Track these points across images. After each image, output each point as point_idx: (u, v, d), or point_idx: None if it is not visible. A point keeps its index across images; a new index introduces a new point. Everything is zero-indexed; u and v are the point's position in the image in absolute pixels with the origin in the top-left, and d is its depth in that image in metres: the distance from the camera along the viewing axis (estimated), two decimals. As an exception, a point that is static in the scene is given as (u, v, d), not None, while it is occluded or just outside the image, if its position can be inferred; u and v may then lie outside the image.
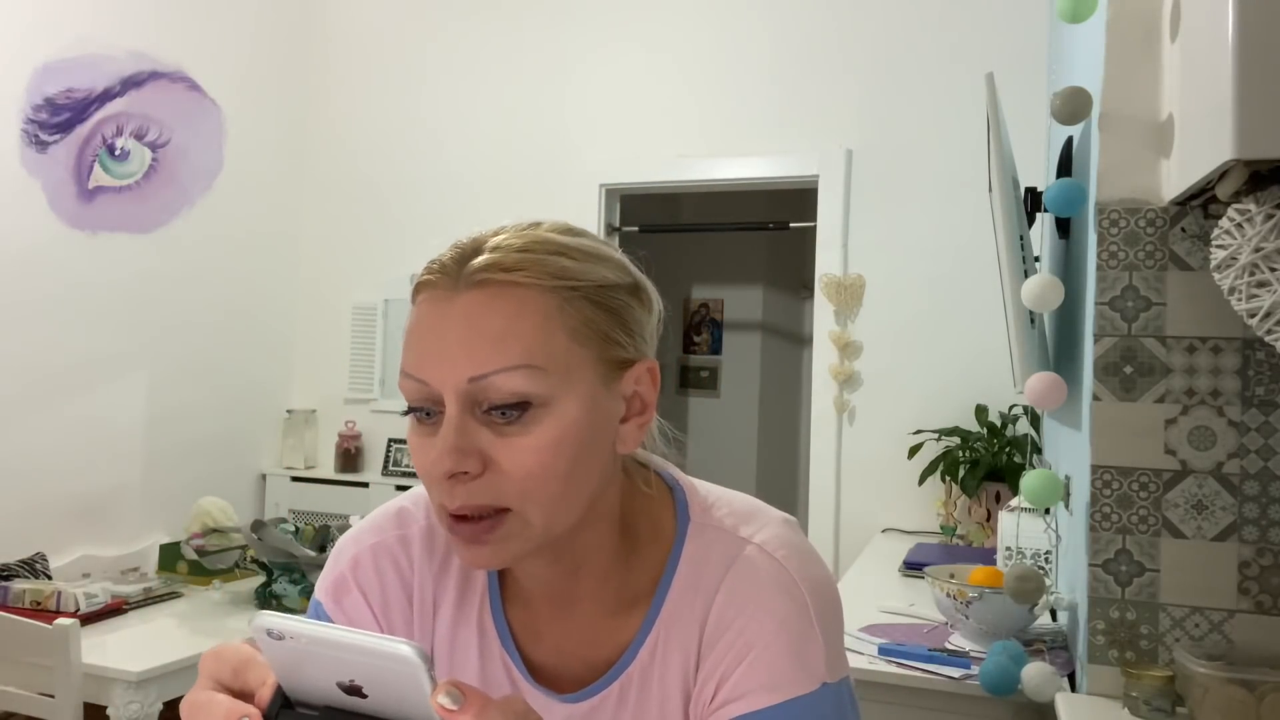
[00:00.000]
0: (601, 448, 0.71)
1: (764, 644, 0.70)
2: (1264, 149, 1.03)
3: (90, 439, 3.10)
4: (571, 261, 0.69)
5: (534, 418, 0.66)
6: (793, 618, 0.71)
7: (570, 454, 0.67)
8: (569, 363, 0.68)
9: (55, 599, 2.43)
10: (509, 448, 0.66)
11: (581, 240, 0.73)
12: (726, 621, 0.72)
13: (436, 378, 0.67)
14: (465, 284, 0.68)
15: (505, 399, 0.66)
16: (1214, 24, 1.09)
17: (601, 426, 0.70)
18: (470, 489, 0.66)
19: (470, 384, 0.66)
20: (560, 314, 0.68)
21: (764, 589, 0.72)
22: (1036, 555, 2.05)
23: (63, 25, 3.00)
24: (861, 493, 3.18)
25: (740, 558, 0.74)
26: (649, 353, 0.75)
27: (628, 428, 0.72)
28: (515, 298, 0.67)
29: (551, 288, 0.68)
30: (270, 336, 3.83)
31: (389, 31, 3.89)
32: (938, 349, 3.13)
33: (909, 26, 3.21)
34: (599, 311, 0.70)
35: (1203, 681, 1.28)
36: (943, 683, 1.66)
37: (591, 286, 0.70)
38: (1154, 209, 1.44)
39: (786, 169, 3.33)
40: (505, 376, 0.66)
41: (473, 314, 0.67)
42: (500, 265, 0.68)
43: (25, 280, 2.91)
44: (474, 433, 0.66)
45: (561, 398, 0.67)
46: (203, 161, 3.46)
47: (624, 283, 0.73)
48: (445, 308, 0.68)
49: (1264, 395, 1.39)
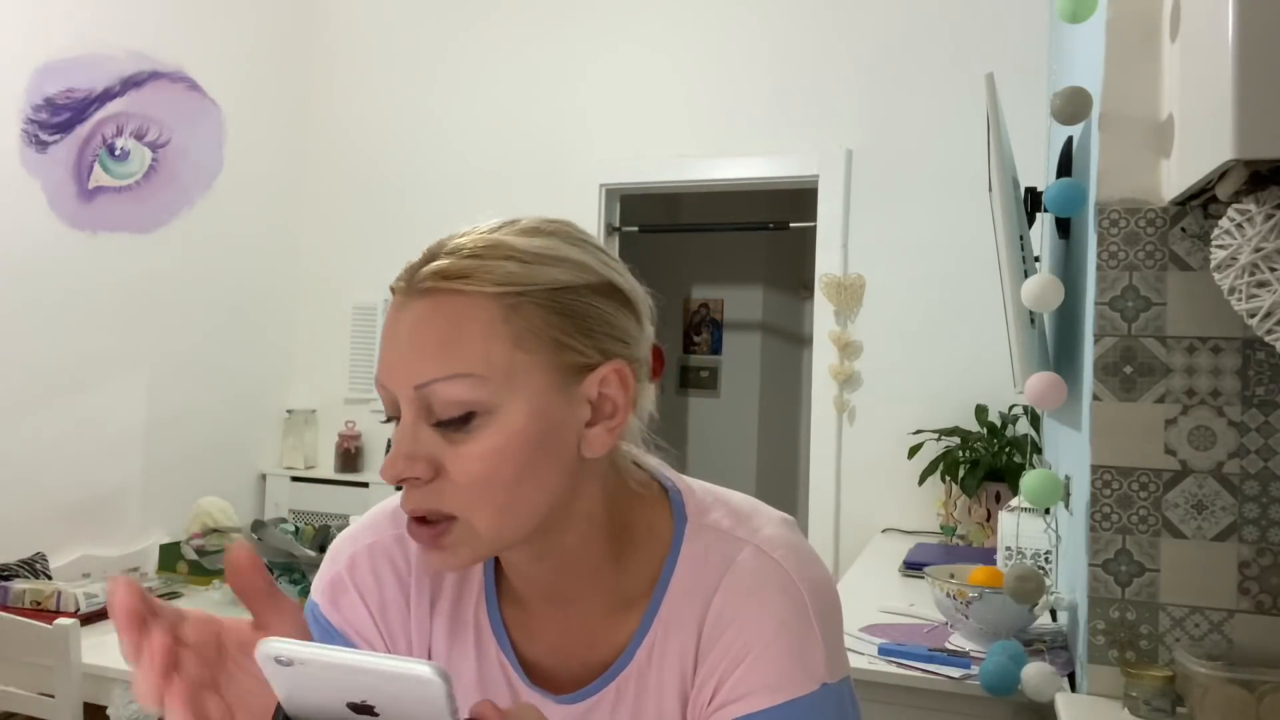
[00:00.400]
0: (558, 454, 0.69)
1: (764, 644, 0.70)
2: (1264, 149, 1.03)
3: (90, 439, 3.10)
4: (518, 266, 0.68)
5: (478, 425, 0.67)
6: (792, 618, 0.71)
7: (517, 462, 0.67)
8: (512, 370, 0.67)
9: (55, 599, 2.43)
10: (456, 455, 0.67)
11: (539, 241, 0.71)
12: (725, 622, 0.72)
13: (392, 384, 0.68)
14: (415, 291, 0.69)
15: (448, 409, 0.66)
16: (1214, 24, 1.09)
17: (555, 433, 0.69)
18: (421, 494, 0.67)
19: (416, 391, 0.67)
20: (504, 321, 0.67)
21: (763, 589, 0.72)
22: (1036, 555, 2.05)
23: (63, 25, 3.00)
24: (861, 493, 3.18)
25: (738, 558, 0.74)
26: (626, 353, 0.72)
27: (595, 432, 0.71)
28: (457, 306, 0.67)
29: (495, 294, 0.67)
30: (270, 336, 3.83)
31: (389, 32, 3.89)
32: (938, 349, 3.13)
33: (909, 26, 3.21)
34: (550, 315, 0.68)
35: (1203, 681, 1.28)
36: (943, 683, 1.66)
37: (540, 290, 0.68)
38: (1154, 209, 1.44)
39: (786, 169, 3.33)
40: (445, 385, 0.66)
41: (418, 323, 0.68)
42: (444, 273, 0.68)
43: (25, 280, 2.91)
44: (426, 439, 0.67)
45: (505, 406, 0.67)
46: (203, 161, 3.46)
47: (583, 283, 0.70)
48: (400, 314, 0.69)
49: (1264, 395, 1.39)
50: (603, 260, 0.74)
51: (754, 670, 0.70)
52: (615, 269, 0.74)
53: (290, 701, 0.50)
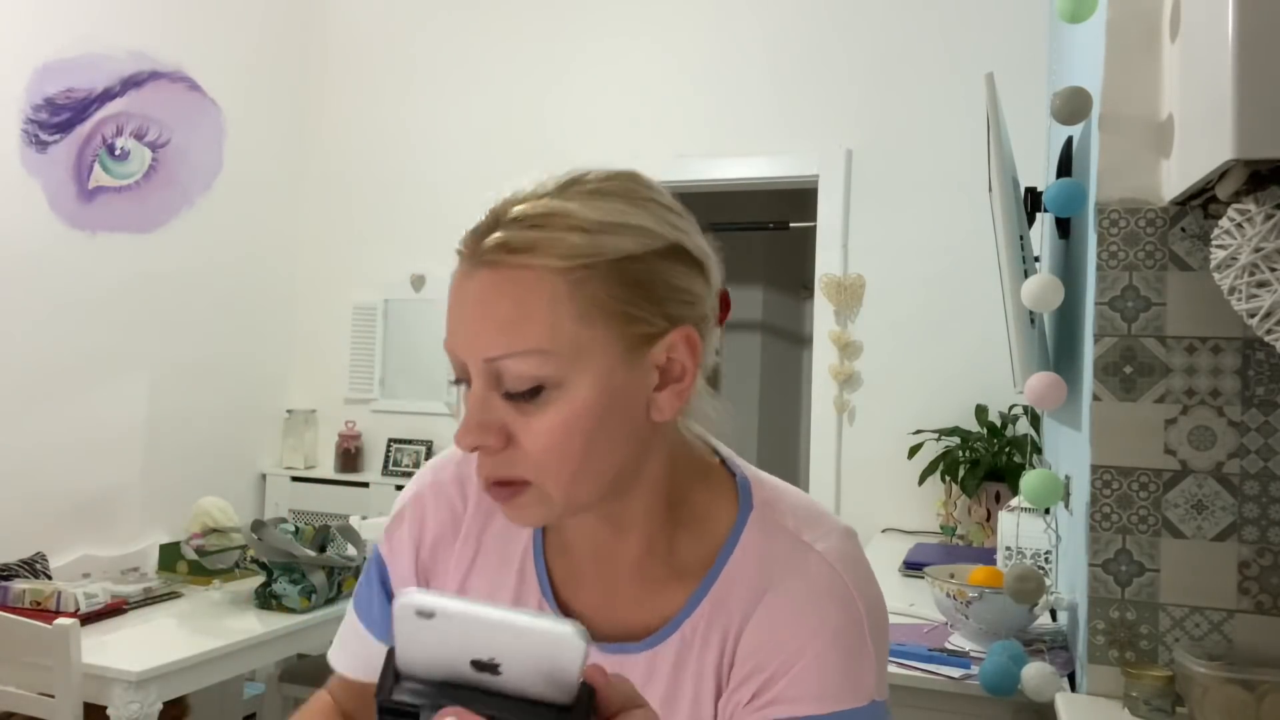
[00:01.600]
0: (627, 420, 0.70)
1: (817, 652, 0.70)
2: (1264, 149, 1.03)
3: (90, 439, 3.10)
4: (582, 237, 0.67)
5: (547, 399, 0.67)
6: (848, 630, 0.71)
7: (585, 433, 0.67)
8: (579, 344, 0.67)
9: (55, 599, 2.43)
10: (526, 425, 0.67)
11: (605, 206, 0.69)
12: (779, 624, 0.71)
13: (463, 352, 0.69)
14: (480, 262, 0.68)
15: (518, 383, 0.67)
16: (1214, 24, 1.09)
17: (624, 401, 0.69)
18: (494, 462, 0.68)
19: (486, 364, 0.67)
20: (570, 297, 0.66)
21: (822, 597, 0.72)
22: (1036, 555, 2.05)
23: (63, 25, 3.00)
24: (861, 493, 3.18)
25: (800, 562, 0.73)
26: (692, 315, 0.71)
27: (664, 395, 0.70)
28: (524, 281, 0.66)
29: (561, 269, 0.66)
30: (270, 336, 3.83)
31: (389, 32, 3.89)
32: (937, 349, 3.13)
33: (909, 26, 3.21)
34: (616, 287, 0.68)
35: (1203, 681, 1.28)
36: (943, 683, 1.66)
37: (606, 262, 0.67)
38: (1154, 209, 1.44)
39: (786, 169, 3.33)
40: (514, 361, 0.66)
41: (485, 296, 0.67)
42: (509, 246, 0.67)
43: (25, 280, 2.91)
44: (497, 408, 0.68)
45: (574, 379, 0.67)
46: (203, 161, 3.46)
47: (652, 249, 0.69)
48: (466, 284, 0.69)
49: (1264, 395, 1.39)
50: (670, 222, 0.72)
51: (806, 676, 0.69)
52: (682, 229, 0.73)
53: (407, 655, 0.49)
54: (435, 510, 0.83)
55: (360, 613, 0.88)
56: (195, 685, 2.34)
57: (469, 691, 0.48)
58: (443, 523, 0.83)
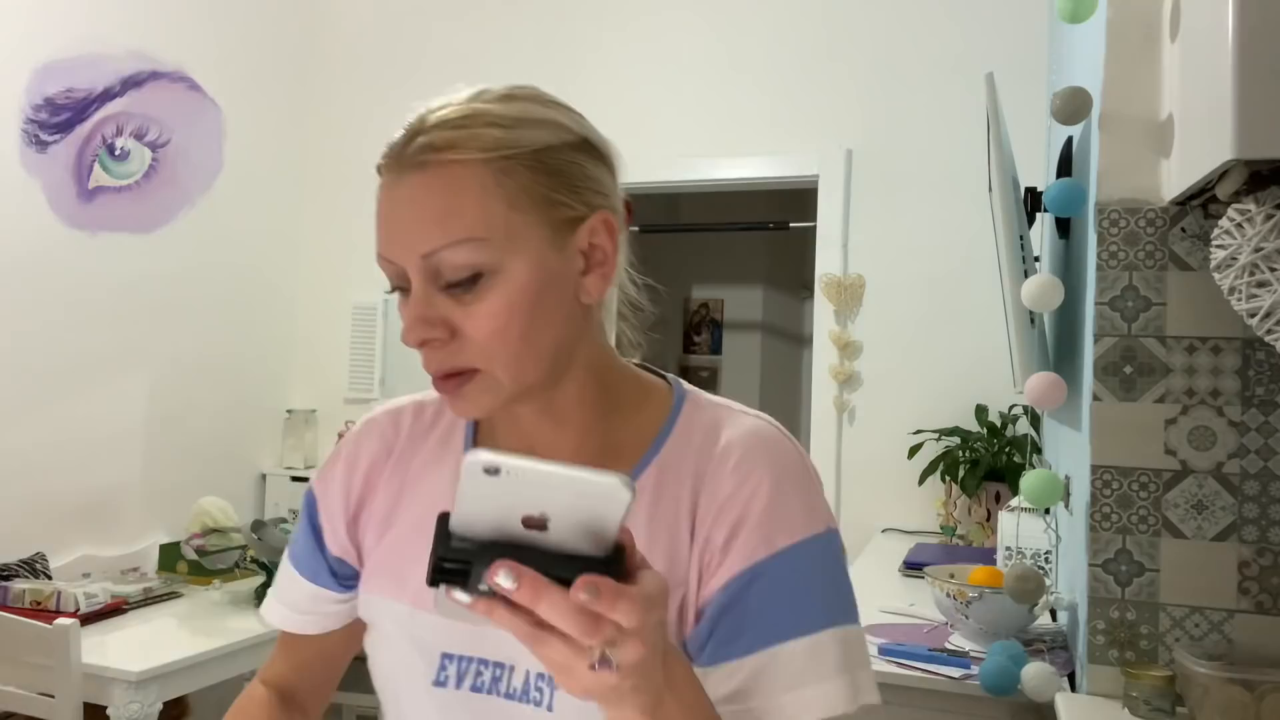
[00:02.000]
0: (560, 302, 0.74)
1: (775, 490, 0.76)
2: (1264, 149, 1.03)
3: (90, 439, 3.10)
4: (504, 131, 0.72)
5: (486, 285, 0.71)
6: (796, 466, 0.78)
7: (525, 313, 0.72)
8: (510, 230, 0.71)
9: (55, 599, 2.43)
10: (468, 315, 0.71)
11: (518, 106, 0.75)
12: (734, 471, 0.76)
13: (398, 255, 0.73)
14: (408, 166, 0.72)
15: (456, 273, 0.71)
16: (1214, 24, 1.09)
17: (556, 284, 0.74)
18: (441, 355, 0.73)
19: (424, 260, 0.71)
20: (497, 185, 0.71)
21: (766, 443, 0.79)
22: (1036, 555, 2.05)
23: (63, 25, 3.00)
24: (861, 493, 3.18)
25: (738, 421, 0.80)
26: (607, 204, 0.77)
27: (590, 279, 0.76)
28: (452, 175, 0.71)
29: (485, 160, 0.71)
30: (270, 336, 3.83)
31: (389, 31, 3.89)
32: (938, 349, 3.13)
33: (909, 26, 3.21)
34: (538, 175, 0.72)
35: (1203, 681, 1.28)
36: (943, 683, 1.66)
37: (527, 153, 0.72)
38: (1154, 209, 1.44)
39: (786, 169, 3.33)
40: (451, 251, 0.70)
41: (416, 195, 0.72)
42: (434, 146, 0.72)
43: (25, 280, 2.91)
44: (438, 304, 0.72)
45: (509, 264, 0.71)
46: (203, 161, 3.46)
47: (565, 141, 0.75)
48: (395, 190, 0.73)
49: (1264, 395, 1.39)
50: (575, 119, 0.78)
51: (772, 513, 0.75)
52: (586, 125, 0.79)
53: (462, 515, 0.52)
54: (367, 443, 0.88)
55: (293, 556, 0.91)
56: (195, 685, 2.34)
57: (514, 548, 0.52)
58: (375, 452, 0.87)
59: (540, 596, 0.51)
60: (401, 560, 0.82)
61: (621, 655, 0.54)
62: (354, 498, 0.87)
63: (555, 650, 0.53)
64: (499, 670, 0.77)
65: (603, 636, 0.52)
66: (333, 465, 0.89)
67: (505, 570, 0.51)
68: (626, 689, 0.56)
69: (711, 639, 0.74)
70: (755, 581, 0.74)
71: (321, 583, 0.88)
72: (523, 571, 0.51)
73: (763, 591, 0.74)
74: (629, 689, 0.56)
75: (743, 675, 0.72)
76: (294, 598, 0.91)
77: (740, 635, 0.73)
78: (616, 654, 0.53)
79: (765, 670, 0.72)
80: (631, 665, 0.54)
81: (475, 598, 0.52)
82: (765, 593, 0.74)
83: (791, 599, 0.74)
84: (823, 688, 0.73)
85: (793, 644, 0.73)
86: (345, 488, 0.87)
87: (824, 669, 0.73)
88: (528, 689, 0.76)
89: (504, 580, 0.51)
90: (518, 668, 0.77)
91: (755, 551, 0.74)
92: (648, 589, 0.54)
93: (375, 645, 0.84)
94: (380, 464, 0.87)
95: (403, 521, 0.84)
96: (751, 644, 0.73)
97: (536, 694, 0.75)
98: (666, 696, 0.60)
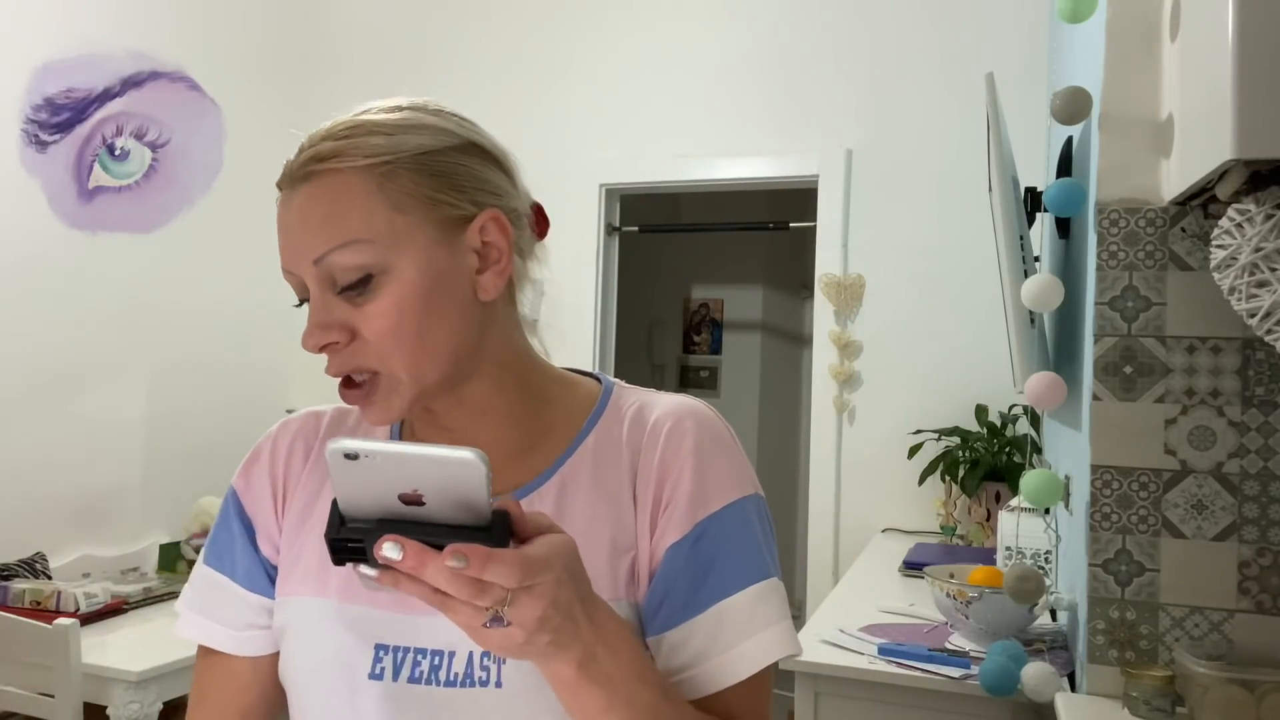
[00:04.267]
0: (455, 300, 0.76)
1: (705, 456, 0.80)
2: (1264, 149, 1.03)
3: (90, 439, 3.10)
4: (384, 138, 0.75)
5: (376, 285, 0.74)
6: (721, 434, 0.82)
7: (417, 311, 0.74)
8: (394, 231, 0.74)
9: (55, 599, 2.43)
10: (363, 316, 0.74)
11: (402, 114, 0.78)
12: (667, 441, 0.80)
13: (294, 265, 0.76)
14: (298, 179, 0.76)
15: (347, 275, 0.73)
16: (1214, 24, 1.09)
17: (447, 281, 0.76)
18: (341, 357, 0.75)
19: (316, 266, 0.74)
20: (379, 189, 0.74)
21: (694, 414, 0.82)
22: (1036, 555, 2.05)
23: (63, 25, 3.00)
24: (861, 493, 3.18)
25: (667, 400, 0.84)
26: (499, 203, 0.79)
27: (486, 277, 0.78)
28: (336, 183, 0.74)
29: (369, 165, 0.74)
30: (270, 336, 3.82)
31: (389, 31, 3.89)
32: (938, 349, 3.13)
33: (909, 26, 3.21)
34: (420, 177, 0.75)
35: (1203, 681, 1.28)
36: (943, 683, 1.66)
37: (408, 156, 0.75)
38: (1154, 209, 1.44)
39: (786, 169, 3.33)
40: (338, 254, 0.73)
41: (304, 205, 0.75)
42: (318, 157, 0.75)
43: (25, 280, 2.91)
44: (335, 308, 0.74)
45: (396, 263, 0.74)
46: (203, 161, 3.46)
47: (446, 145, 0.78)
48: (287, 204, 0.77)
49: (1264, 395, 1.39)
50: (461, 124, 0.81)
51: (704, 477, 0.79)
52: (475, 131, 0.82)
53: (347, 499, 0.57)
54: (288, 441, 0.89)
55: (223, 565, 0.86)
56: (195, 685, 2.34)
57: (403, 524, 0.56)
58: (295, 450, 0.88)
59: (424, 565, 0.55)
60: (322, 558, 0.81)
61: (515, 614, 0.57)
62: (279, 491, 0.87)
63: (458, 613, 0.57)
64: (438, 658, 0.76)
65: (491, 598, 0.56)
66: (253, 463, 0.89)
67: (390, 543, 0.55)
68: (543, 644, 0.60)
69: (666, 599, 0.77)
70: (700, 539, 0.78)
71: (261, 590, 0.84)
72: (407, 543, 0.55)
73: (709, 548, 0.78)
74: (546, 644, 0.60)
75: (702, 633, 0.76)
76: (232, 613, 0.84)
77: (697, 590, 0.77)
78: (509, 613, 0.57)
79: (723, 622, 0.76)
80: (533, 621, 0.58)
81: (380, 571, 0.56)
82: (712, 548, 0.78)
83: (736, 552, 0.78)
84: (770, 633, 0.77)
85: (743, 594, 0.77)
86: (269, 489, 0.87)
87: (771, 615, 0.78)
88: (471, 672, 0.76)
89: (390, 552, 0.55)
90: (459, 653, 0.76)
91: (696, 512, 0.78)
92: (532, 551, 0.58)
93: (294, 649, 0.80)
94: (299, 463, 0.87)
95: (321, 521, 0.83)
96: (708, 598, 0.77)
97: (483, 673, 0.75)
98: (599, 651, 0.64)
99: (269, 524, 0.86)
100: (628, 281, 3.82)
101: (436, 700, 0.76)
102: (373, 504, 0.57)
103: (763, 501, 0.83)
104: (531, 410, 0.83)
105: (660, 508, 0.79)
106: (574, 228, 3.50)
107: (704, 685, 0.76)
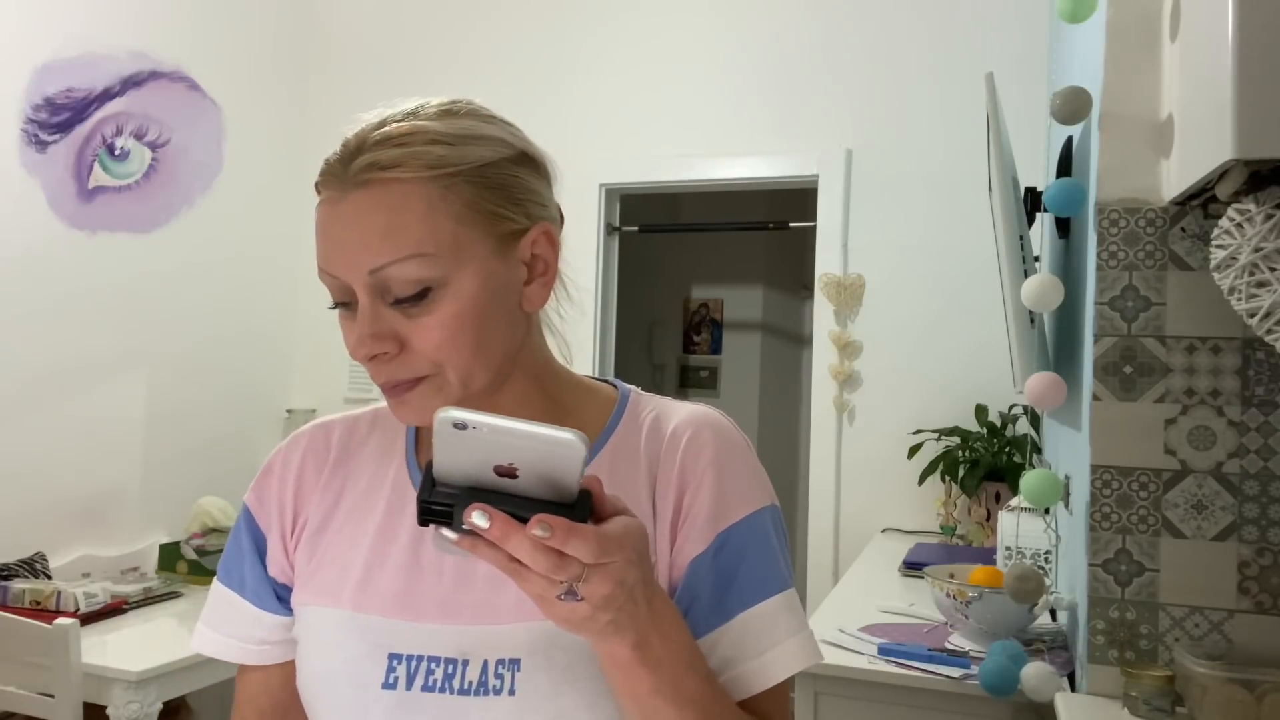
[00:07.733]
0: (505, 311, 0.77)
1: (725, 466, 0.80)
2: (1264, 149, 1.03)
3: (90, 439, 3.10)
4: (447, 148, 0.74)
5: (435, 299, 0.73)
6: (739, 445, 0.83)
7: (474, 324, 0.74)
8: (457, 244, 0.73)
9: (55, 599, 2.43)
10: (418, 329, 0.73)
11: (458, 123, 0.77)
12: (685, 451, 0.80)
13: (344, 271, 0.74)
14: (352, 184, 0.73)
15: (405, 288, 0.73)
16: (1214, 24, 1.09)
17: (501, 294, 0.76)
18: (391, 367, 0.75)
19: (371, 276, 0.73)
20: (443, 201, 0.73)
21: (711, 425, 0.83)
22: (1036, 555, 2.05)
23: (63, 25, 3.00)
24: (861, 493, 3.18)
25: (684, 410, 0.85)
26: (546, 215, 0.80)
27: (532, 288, 0.79)
28: (397, 193, 0.73)
29: (430, 178, 0.73)
30: (270, 336, 3.83)
31: (389, 31, 3.89)
32: (937, 349, 3.13)
33: (909, 26, 3.21)
34: (481, 191, 0.75)
35: (1203, 681, 1.28)
36: (943, 683, 1.66)
37: (470, 169, 0.75)
38: (1154, 209, 1.44)
39: (786, 169, 3.33)
40: (399, 267, 0.72)
41: (361, 212, 0.73)
42: (379, 164, 0.73)
43: (25, 280, 2.91)
44: (386, 318, 0.74)
45: (456, 277, 0.73)
46: (203, 161, 3.46)
47: (505, 156, 0.77)
48: (339, 208, 0.74)
49: (1264, 395, 1.39)
50: (514, 133, 0.81)
51: (723, 487, 0.79)
52: (523, 139, 0.82)
53: (442, 465, 0.59)
54: (300, 455, 0.89)
55: (232, 581, 0.87)
56: (195, 685, 2.34)
57: (489, 494, 0.58)
58: (306, 464, 0.88)
59: (509, 535, 0.57)
60: (337, 569, 0.82)
61: (587, 589, 0.59)
62: (289, 510, 0.86)
63: (531, 583, 0.59)
64: (451, 666, 0.76)
65: (568, 572, 0.58)
66: (265, 479, 0.89)
67: (479, 511, 0.57)
68: (604, 622, 0.61)
69: (690, 610, 0.77)
70: (721, 550, 0.78)
71: (268, 606, 0.86)
72: (494, 513, 0.57)
73: (731, 558, 0.78)
74: (607, 623, 0.61)
75: (728, 640, 0.77)
76: (243, 629, 0.86)
77: (721, 599, 0.77)
78: (582, 588, 0.59)
79: (748, 630, 0.77)
80: (601, 598, 0.60)
81: (460, 535, 0.59)
82: (734, 559, 0.78)
83: (758, 563, 0.79)
84: (794, 641, 0.78)
85: (766, 604, 0.78)
86: (279, 504, 0.87)
87: (791, 625, 0.79)
88: (485, 680, 0.76)
89: (478, 520, 0.57)
90: (473, 661, 0.76)
91: (717, 524, 0.78)
92: (609, 529, 0.59)
93: (309, 657, 0.81)
94: (313, 477, 0.87)
95: (338, 532, 0.84)
96: (733, 607, 0.77)
97: (496, 682, 0.75)
98: (653, 637, 0.66)
99: (277, 542, 0.86)
100: (628, 281, 3.83)
101: (450, 708, 0.76)
102: (466, 472, 0.58)
103: (778, 512, 0.83)
104: (552, 417, 0.83)
105: (680, 518, 0.79)
106: (574, 227, 3.49)
107: (733, 691, 0.77)
